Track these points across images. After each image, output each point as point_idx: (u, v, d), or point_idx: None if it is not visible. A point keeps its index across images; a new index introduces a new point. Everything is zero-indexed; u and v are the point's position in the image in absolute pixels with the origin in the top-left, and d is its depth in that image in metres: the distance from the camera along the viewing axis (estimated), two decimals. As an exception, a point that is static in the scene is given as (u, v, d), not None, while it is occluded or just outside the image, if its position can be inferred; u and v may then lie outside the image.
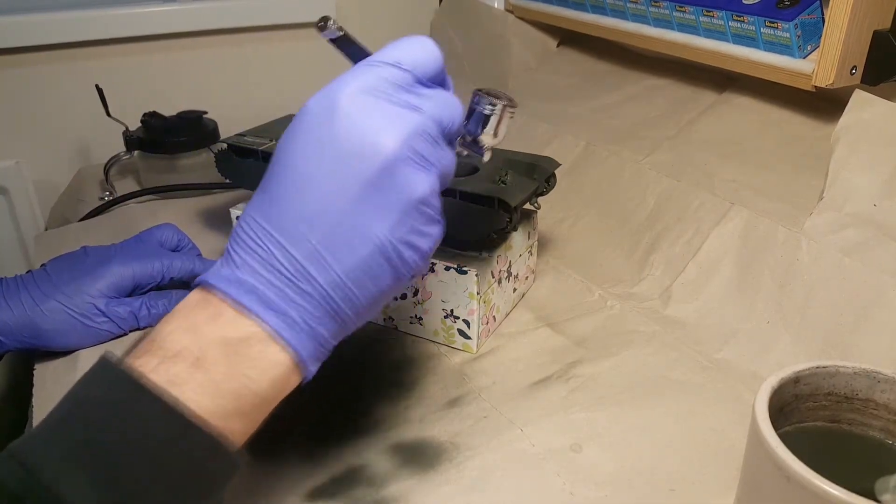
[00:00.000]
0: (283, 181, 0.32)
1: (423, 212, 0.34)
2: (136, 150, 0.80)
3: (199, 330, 0.31)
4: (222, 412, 0.30)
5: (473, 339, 0.53)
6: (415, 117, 0.33)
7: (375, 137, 0.32)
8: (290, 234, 0.31)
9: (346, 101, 0.32)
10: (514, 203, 0.50)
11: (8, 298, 0.51)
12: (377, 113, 0.32)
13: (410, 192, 0.33)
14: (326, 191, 0.32)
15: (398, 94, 0.33)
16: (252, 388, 0.31)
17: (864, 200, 0.52)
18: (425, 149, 0.33)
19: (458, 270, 0.51)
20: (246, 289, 0.31)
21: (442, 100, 0.35)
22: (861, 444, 0.36)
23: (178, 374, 0.29)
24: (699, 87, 0.75)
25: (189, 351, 0.30)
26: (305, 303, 0.32)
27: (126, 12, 0.89)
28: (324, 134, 0.32)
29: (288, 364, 0.32)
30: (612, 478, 0.42)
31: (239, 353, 0.31)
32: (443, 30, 1.03)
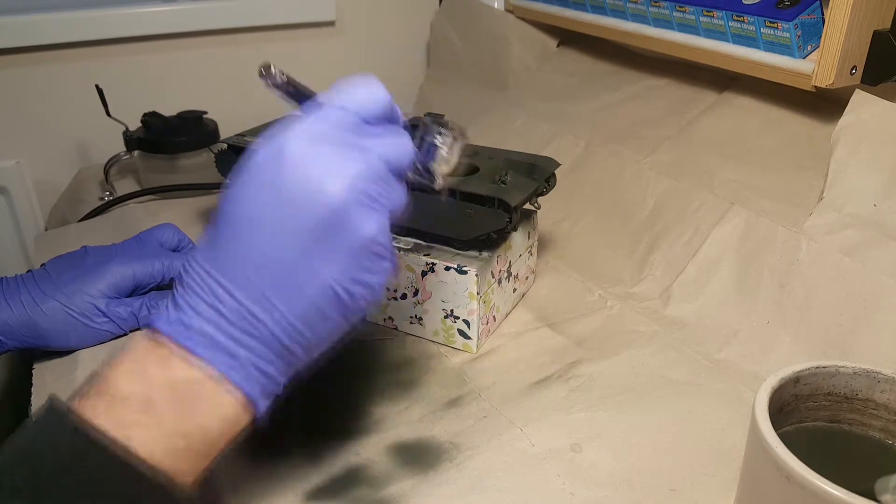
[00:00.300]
0: (230, 227, 0.33)
1: (372, 251, 0.34)
2: (136, 150, 0.80)
3: (148, 373, 0.31)
4: (172, 453, 0.30)
5: (473, 339, 0.53)
6: (362, 159, 0.33)
7: (323, 182, 0.32)
8: (237, 279, 0.32)
9: (292, 147, 0.32)
10: (514, 203, 0.50)
11: (8, 298, 0.51)
12: (324, 158, 0.32)
13: (359, 233, 0.33)
14: (274, 236, 0.32)
15: (345, 138, 0.34)
16: (202, 428, 0.31)
17: (864, 200, 0.52)
18: (374, 189, 0.33)
19: (458, 270, 0.51)
20: (193, 333, 0.32)
21: (389, 139, 0.36)
22: (861, 444, 0.36)
23: (127, 418, 0.30)
24: (699, 87, 0.75)
25: (138, 395, 0.30)
26: (253, 345, 0.32)
27: (126, 12, 0.89)
28: (271, 180, 0.32)
29: (237, 404, 0.32)
30: (612, 478, 0.42)
31: (187, 396, 0.31)
32: (443, 30, 1.03)
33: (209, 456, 0.32)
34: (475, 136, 0.84)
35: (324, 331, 0.34)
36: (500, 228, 0.52)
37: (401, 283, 0.54)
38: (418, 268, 0.53)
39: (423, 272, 0.53)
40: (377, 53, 1.07)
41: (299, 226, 0.32)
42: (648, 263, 0.62)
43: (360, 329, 0.57)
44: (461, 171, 0.55)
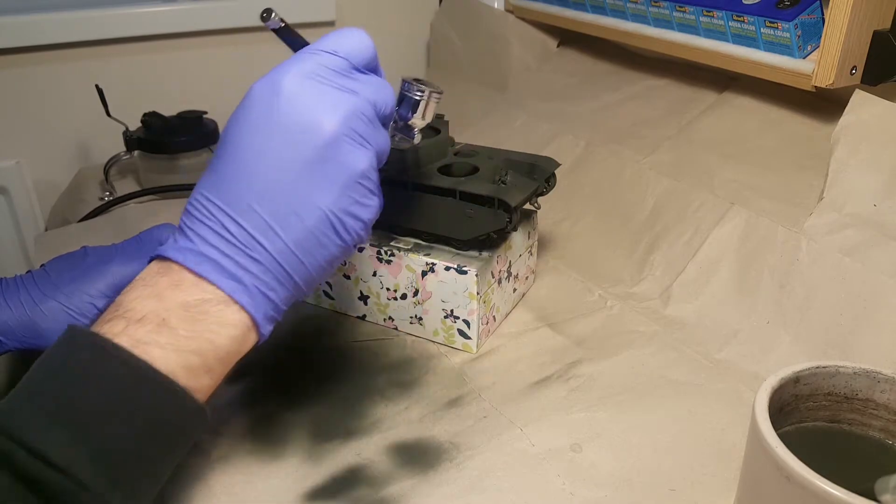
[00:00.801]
0: (231, 159, 0.35)
1: (363, 185, 0.36)
2: (136, 150, 0.80)
3: (162, 295, 0.33)
4: (187, 368, 0.33)
5: (473, 339, 0.53)
6: (352, 99, 0.36)
7: (317, 117, 0.35)
8: (240, 207, 0.34)
9: (288, 83, 0.35)
10: (514, 203, 0.50)
11: (8, 298, 0.51)
12: (318, 95, 0.35)
13: (351, 166, 0.36)
14: (272, 166, 0.34)
15: (336, 79, 0.36)
16: (213, 345, 0.34)
17: (864, 200, 0.52)
18: (362, 128, 0.36)
19: (458, 270, 0.51)
20: (202, 259, 0.34)
21: (376, 84, 0.38)
22: (861, 444, 0.36)
23: (144, 336, 0.32)
24: (699, 87, 0.75)
25: (154, 314, 0.33)
26: (256, 270, 0.35)
27: (126, 12, 0.89)
28: (268, 114, 0.35)
29: (245, 323, 0.35)
30: (612, 478, 0.42)
31: (199, 315, 0.33)
32: (443, 30, 1.03)
33: (220, 374, 0.35)
34: (475, 136, 0.84)
35: (321, 259, 0.36)
36: (500, 228, 0.52)
37: (401, 283, 0.54)
38: (418, 268, 0.53)
39: (423, 272, 0.53)
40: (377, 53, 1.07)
41: (297, 156, 0.34)
42: (648, 263, 0.62)
43: (360, 329, 0.57)
44: (463, 171, 0.55)
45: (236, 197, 0.34)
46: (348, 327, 0.58)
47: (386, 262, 0.54)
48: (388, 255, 0.54)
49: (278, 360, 0.54)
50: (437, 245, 0.54)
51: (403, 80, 0.43)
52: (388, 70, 0.41)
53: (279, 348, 0.55)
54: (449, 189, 0.52)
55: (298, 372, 0.52)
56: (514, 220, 0.52)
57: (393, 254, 0.54)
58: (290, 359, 0.54)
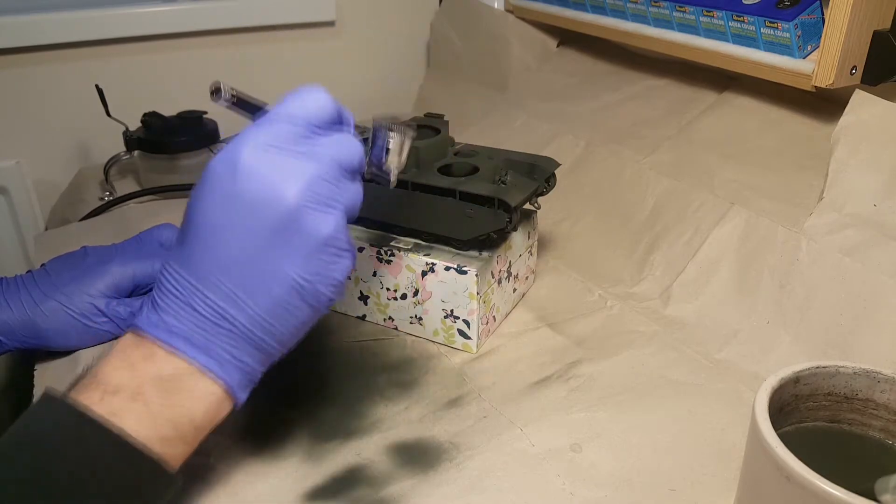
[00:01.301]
0: (196, 234, 0.36)
1: (330, 249, 0.36)
2: (136, 150, 0.80)
3: (136, 368, 0.34)
4: (161, 439, 0.34)
5: (473, 339, 0.53)
6: (313, 165, 0.36)
7: (276, 190, 0.35)
8: (207, 280, 0.35)
9: (245, 158, 0.35)
10: (514, 203, 0.50)
11: (8, 298, 0.51)
12: (276, 166, 0.35)
13: (315, 234, 0.36)
14: (236, 240, 0.35)
15: (295, 146, 0.36)
16: (187, 416, 0.35)
17: (864, 200, 0.52)
18: (326, 191, 0.36)
19: (458, 270, 0.51)
20: (173, 332, 0.35)
21: (338, 142, 0.38)
22: (861, 444, 0.36)
23: (119, 407, 0.33)
24: (699, 87, 0.75)
25: (128, 386, 0.34)
26: (229, 340, 0.35)
27: (126, 12, 0.89)
28: (228, 189, 0.35)
29: (218, 394, 0.36)
30: (612, 478, 0.42)
31: (173, 387, 0.34)
32: (443, 30, 1.03)
33: (195, 441, 0.36)
34: (475, 136, 0.84)
35: (294, 322, 0.37)
36: (500, 228, 0.52)
37: (401, 283, 0.54)
38: (418, 268, 0.53)
39: (423, 272, 0.53)
40: (377, 53, 1.07)
41: (258, 230, 0.35)
42: (648, 263, 0.62)
43: (360, 329, 0.57)
44: (463, 171, 0.55)
45: (203, 271, 0.35)
46: (348, 327, 0.58)
47: (386, 262, 0.54)
48: (388, 255, 0.54)
49: (278, 360, 0.53)
50: (437, 245, 0.54)
51: (374, 124, 0.43)
52: (388, 71, 0.42)
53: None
54: (449, 189, 0.52)
55: (298, 372, 0.52)
56: (514, 220, 0.52)
57: (393, 254, 0.54)
58: (290, 359, 0.54)
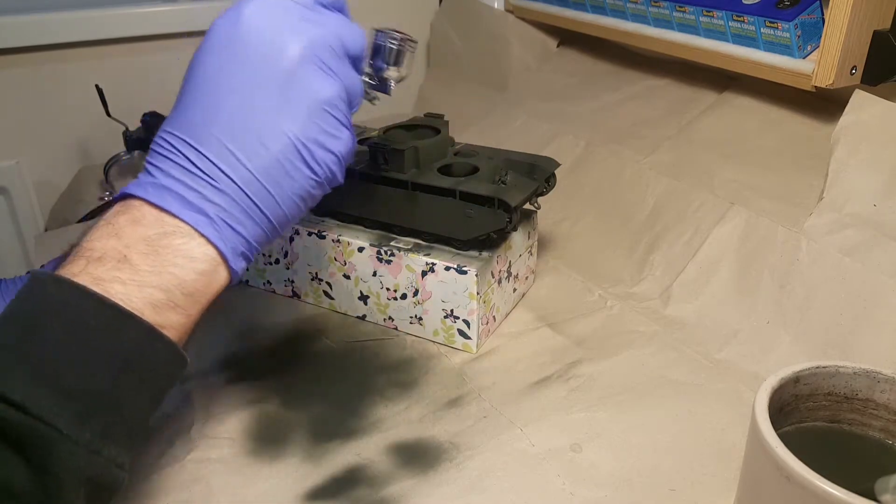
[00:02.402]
0: (193, 91, 0.34)
1: (330, 113, 0.35)
2: (136, 150, 0.81)
3: (122, 232, 0.32)
4: (152, 304, 0.31)
5: (473, 339, 0.53)
6: (318, 29, 0.35)
7: (280, 40, 0.34)
8: (201, 136, 0.33)
9: (250, 12, 0.34)
10: (514, 203, 0.50)
11: (7, 299, 0.51)
12: (281, 22, 0.34)
13: (316, 93, 0.34)
14: (235, 94, 0.33)
15: (301, 11, 0.35)
16: (179, 280, 0.32)
17: (864, 200, 0.52)
18: (329, 58, 0.35)
19: (458, 270, 0.51)
20: (163, 192, 0.33)
21: (343, 21, 0.37)
22: (861, 444, 0.36)
23: (104, 274, 0.31)
24: (699, 87, 0.75)
25: (114, 251, 0.32)
26: (221, 201, 0.33)
27: (126, 12, 0.89)
28: (231, 43, 0.34)
29: (212, 258, 0.33)
30: (612, 478, 0.42)
31: (162, 249, 0.32)
32: (443, 30, 1.03)
33: (190, 312, 0.33)
34: (475, 136, 0.84)
35: (290, 191, 0.35)
36: (500, 228, 0.52)
37: (401, 283, 0.54)
38: (418, 268, 0.53)
39: (423, 272, 0.53)
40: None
41: (260, 82, 0.33)
42: (648, 263, 0.62)
43: (360, 329, 0.57)
44: (462, 171, 0.55)
45: (198, 127, 0.33)
46: (348, 327, 0.58)
47: (386, 262, 0.54)
48: (388, 255, 0.54)
49: (278, 360, 0.54)
50: (437, 245, 0.54)
51: (376, 29, 0.42)
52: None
53: (279, 348, 0.55)
54: (449, 189, 0.52)
55: (298, 372, 0.52)
56: (514, 220, 0.52)
57: (393, 254, 0.54)
58: (291, 359, 0.54)
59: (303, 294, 0.61)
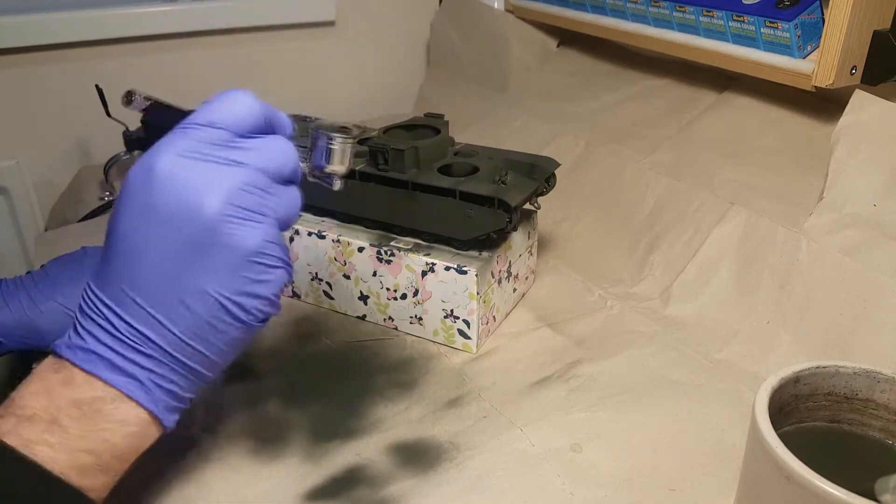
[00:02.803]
0: (112, 251, 0.33)
1: (257, 262, 0.34)
2: (136, 150, 0.80)
3: (53, 393, 0.32)
4: (79, 469, 0.32)
5: (473, 339, 0.53)
6: (237, 172, 0.33)
7: (193, 198, 0.32)
8: (122, 301, 0.33)
9: (162, 166, 0.33)
10: (514, 203, 0.50)
11: (7, 299, 0.51)
12: (194, 174, 0.32)
13: (240, 247, 0.33)
14: (151, 256, 0.32)
15: (217, 153, 0.33)
16: (109, 444, 0.33)
17: (864, 200, 0.52)
18: (252, 202, 0.33)
19: (458, 270, 0.51)
20: (92, 356, 0.33)
21: (267, 148, 0.35)
22: (861, 444, 0.36)
23: (34, 436, 0.31)
24: (699, 87, 0.75)
25: (45, 412, 0.32)
26: (149, 364, 0.33)
27: (126, 12, 0.89)
28: (144, 201, 0.32)
29: (143, 419, 0.33)
30: (612, 478, 0.42)
31: (92, 414, 0.32)
32: (443, 30, 1.03)
33: (119, 470, 0.34)
34: (475, 136, 0.84)
35: (220, 342, 0.34)
36: (500, 228, 0.52)
37: (401, 283, 0.54)
38: (418, 268, 0.53)
39: (423, 272, 0.53)
40: (377, 53, 1.07)
41: (175, 245, 0.32)
42: (648, 263, 0.62)
43: (360, 329, 0.57)
44: (462, 171, 0.55)
45: (118, 290, 0.33)
46: (348, 327, 0.58)
47: (386, 262, 0.54)
48: (388, 255, 0.54)
49: (278, 360, 0.54)
50: (438, 245, 0.54)
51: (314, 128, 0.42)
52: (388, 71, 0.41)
53: (279, 348, 0.55)
54: (449, 189, 0.52)
55: (298, 372, 0.52)
56: (514, 220, 0.52)
57: (393, 254, 0.54)
58: (291, 359, 0.54)
59: (303, 294, 0.61)
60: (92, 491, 0.32)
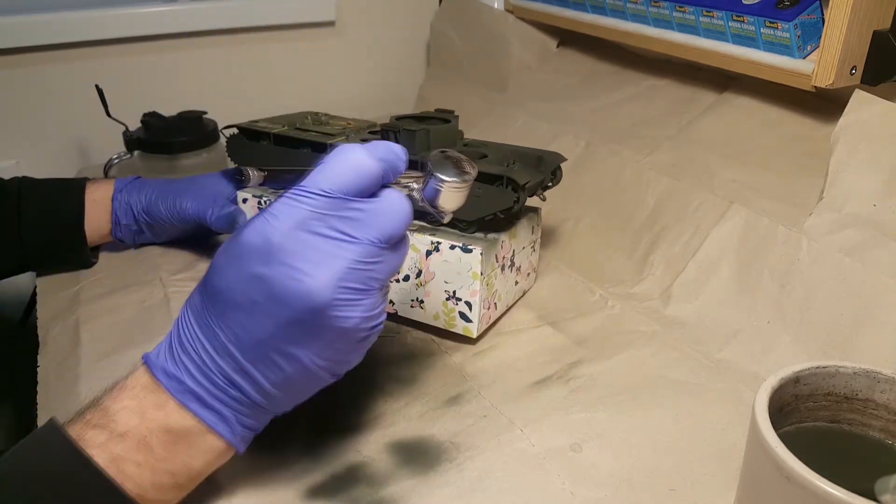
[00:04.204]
0: (217, 300, 0.35)
1: (352, 339, 0.35)
2: (136, 150, 0.80)
3: (146, 415, 0.35)
4: (159, 488, 0.35)
5: (474, 323, 0.53)
6: (349, 250, 0.34)
7: (306, 283, 0.33)
8: (221, 351, 0.35)
9: (278, 240, 0.33)
10: (523, 181, 0.51)
11: (146, 186, 0.66)
12: (309, 255, 0.33)
13: (339, 328, 0.34)
14: (255, 320, 0.34)
15: (331, 224, 0.34)
16: (188, 467, 0.36)
17: (864, 200, 0.52)
18: (361, 278, 0.34)
19: (463, 249, 0.51)
20: (185, 391, 0.35)
21: (382, 217, 0.35)
22: (861, 444, 0.36)
23: (122, 452, 0.33)
24: (699, 87, 0.75)
25: (136, 432, 0.34)
26: (236, 406, 0.36)
27: (126, 12, 0.89)
28: (257, 271, 0.33)
29: (222, 448, 0.37)
30: (612, 478, 0.42)
31: (178, 440, 0.35)
32: (443, 30, 1.03)
33: (190, 488, 0.37)
34: (475, 136, 0.84)
35: (302, 396, 0.38)
36: (507, 208, 0.52)
37: (404, 264, 0.54)
38: (423, 247, 0.53)
39: (428, 252, 0.53)
40: (377, 53, 1.07)
41: (280, 316, 0.33)
42: (648, 263, 0.62)
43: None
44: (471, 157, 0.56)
45: (218, 340, 0.35)
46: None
47: None
48: None
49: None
50: (442, 227, 0.55)
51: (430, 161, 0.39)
52: (388, 71, 0.41)
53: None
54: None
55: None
56: (521, 199, 0.52)
57: None
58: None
59: None
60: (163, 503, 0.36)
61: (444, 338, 0.56)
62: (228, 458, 0.38)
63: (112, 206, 0.65)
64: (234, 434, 0.36)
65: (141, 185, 0.66)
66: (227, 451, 0.37)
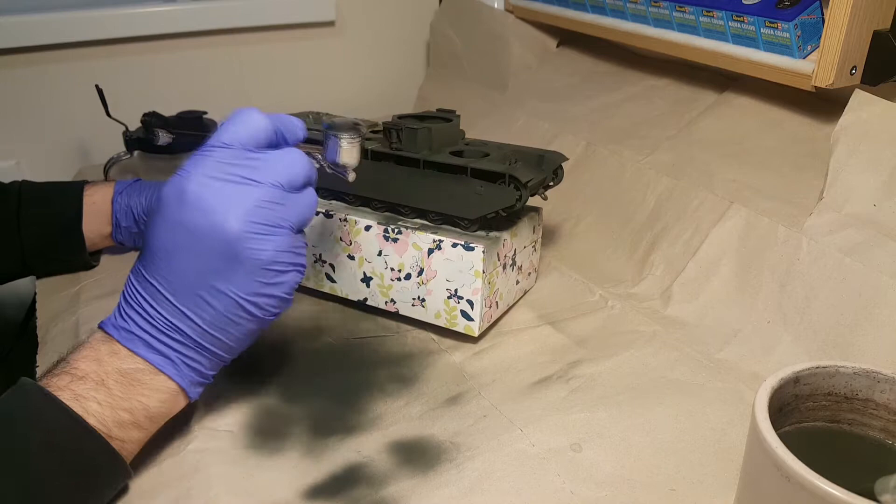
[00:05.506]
0: (148, 254, 0.40)
1: (271, 269, 0.40)
2: (136, 150, 0.80)
3: (102, 360, 0.40)
4: (119, 424, 0.39)
5: (476, 322, 0.53)
6: (253, 191, 0.40)
7: (218, 220, 0.38)
8: (156, 297, 0.40)
9: (191, 188, 0.39)
10: (525, 179, 0.51)
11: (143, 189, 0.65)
12: (218, 196, 0.39)
13: (256, 258, 0.39)
14: (181, 263, 0.39)
15: (235, 171, 0.40)
16: (144, 406, 0.40)
17: (864, 200, 0.52)
18: (268, 216, 0.40)
19: (465, 247, 0.52)
20: (132, 337, 0.40)
21: (279, 162, 0.41)
22: (861, 444, 0.36)
23: (84, 392, 0.38)
24: (699, 87, 0.75)
25: (94, 374, 0.39)
26: (178, 347, 0.40)
27: (126, 12, 0.89)
28: (177, 218, 0.39)
29: (173, 389, 0.41)
30: (612, 478, 0.42)
31: (132, 381, 0.40)
32: (443, 30, 1.03)
33: (150, 429, 0.41)
34: (475, 136, 0.84)
35: (237, 333, 0.41)
36: (510, 206, 0.52)
37: (406, 262, 0.54)
38: (425, 245, 0.53)
39: (430, 250, 0.53)
40: (377, 53, 1.07)
41: (200, 254, 0.39)
42: (649, 263, 0.62)
43: (361, 326, 0.57)
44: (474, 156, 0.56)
45: (154, 288, 0.40)
46: (349, 325, 0.58)
47: (392, 240, 0.54)
48: (396, 233, 0.54)
49: (278, 355, 0.54)
50: (445, 226, 0.55)
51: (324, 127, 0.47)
52: (388, 71, 0.42)
53: (279, 343, 0.55)
54: (460, 167, 0.53)
55: (298, 366, 0.52)
56: (524, 196, 0.52)
57: (400, 231, 0.54)
58: (291, 354, 0.54)
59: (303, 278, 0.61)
60: (128, 443, 0.39)
61: (444, 337, 0.56)
62: (183, 404, 0.42)
63: (112, 208, 0.64)
64: (181, 376, 0.41)
65: (141, 187, 0.66)
66: (178, 393, 0.41)
